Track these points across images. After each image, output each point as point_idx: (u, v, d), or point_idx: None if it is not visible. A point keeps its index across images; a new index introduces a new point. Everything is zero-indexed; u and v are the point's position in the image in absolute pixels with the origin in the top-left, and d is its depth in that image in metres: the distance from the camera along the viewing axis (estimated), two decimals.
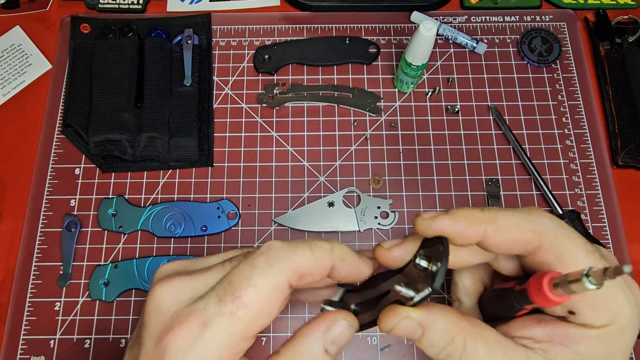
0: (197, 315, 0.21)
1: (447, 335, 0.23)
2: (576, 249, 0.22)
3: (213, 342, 0.21)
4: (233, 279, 0.22)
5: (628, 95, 0.54)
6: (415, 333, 0.24)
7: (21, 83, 0.55)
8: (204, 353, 0.21)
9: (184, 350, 0.21)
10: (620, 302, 0.22)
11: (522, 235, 0.23)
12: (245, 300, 0.21)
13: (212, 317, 0.21)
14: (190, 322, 0.21)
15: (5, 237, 0.49)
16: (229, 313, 0.21)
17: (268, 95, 0.54)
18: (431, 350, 0.24)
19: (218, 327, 0.21)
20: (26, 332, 0.46)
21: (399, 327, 0.23)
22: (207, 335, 0.21)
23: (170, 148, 0.51)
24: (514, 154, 0.52)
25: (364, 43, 0.56)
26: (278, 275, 0.22)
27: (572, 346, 0.23)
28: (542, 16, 0.59)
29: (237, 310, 0.21)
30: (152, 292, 0.23)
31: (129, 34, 0.55)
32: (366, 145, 0.53)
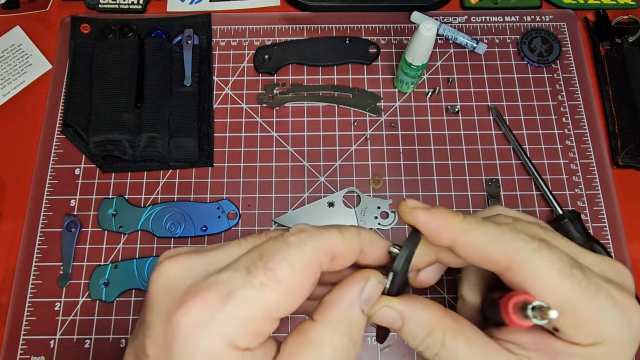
0: (218, 286, 0.19)
1: (426, 327, 0.23)
2: (548, 272, 0.21)
3: (237, 314, 0.19)
4: (265, 252, 0.20)
5: (628, 95, 0.54)
6: (396, 323, 0.24)
7: (21, 83, 0.55)
8: (225, 328, 0.19)
9: (201, 324, 0.19)
10: (610, 325, 0.21)
11: (490, 255, 0.23)
12: (279, 274, 0.20)
13: (238, 287, 0.19)
14: (210, 293, 0.19)
15: (5, 237, 0.49)
16: (259, 285, 0.19)
17: (268, 95, 0.54)
18: (411, 341, 0.24)
19: (245, 299, 0.19)
20: (26, 332, 0.46)
21: (378, 315, 0.24)
22: (231, 307, 0.19)
23: (170, 148, 0.51)
24: (514, 154, 0.52)
25: (364, 43, 0.56)
26: (312, 253, 0.21)
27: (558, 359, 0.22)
28: (542, 16, 0.59)
29: (269, 283, 0.20)
30: (159, 269, 0.21)
31: (129, 34, 0.55)
32: (366, 145, 0.53)
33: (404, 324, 0.24)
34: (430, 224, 0.23)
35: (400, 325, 0.24)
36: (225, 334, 0.19)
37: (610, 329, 0.21)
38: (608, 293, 0.22)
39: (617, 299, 0.22)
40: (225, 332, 0.19)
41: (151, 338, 0.20)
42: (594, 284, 0.21)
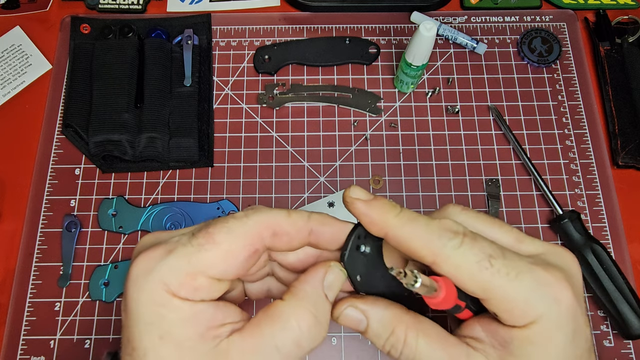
0: (166, 245, 0.23)
1: (388, 326, 0.25)
2: (469, 266, 0.23)
3: (174, 266, 0.22)
4: (212, 223, 0.23)
5: (628, 95, 0.54)
6: (361, 323, 0.25)
7: (21, 83, 0.55)
8: (163, 275, 0.22)
9: (145, 272, 0.22)
10: (537, 304, 0.23)
11: (417, 250, 0.24)
12: (216, 238, 0.23)
13: (180, 245, 0.23)
14: (157, 249, 0.23)
15: (5, 237, 0.49)
16: (197, 244, 0.22)
17: (268, 95, 0.54)
18: (377, 341, 0.25)
19: (182, 254, 0.22)
20: (26, 332, 0.46)
21: (343, 315, 0.25)
22: (170, 259, 0.22)
23: (170, 148, 0.51)
24: (514, 154, 0.52)
25: (364, 43, 0.56)
26: (252, 225, 0.23)
27: (507, 347, 0.23)
28: (542, 16, 0.59)
29: (206, 244, 0.22)
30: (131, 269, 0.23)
31: (129, 34, 0.55)
32: (366, 145, 0.53)
33: (368, 324, 0.25)
34: (365, 216, 0.25)
35: (365, 326, 0.25)
36: (164, 281, 0.22)
37: (538, 308, 0.22)
38: (532, 275, 0.23)
39: (543, 280, 0.23)
40: (164, 279, 0.22)
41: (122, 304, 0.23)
42: (515, 269, 0.23)
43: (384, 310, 0.25)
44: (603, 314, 0.46)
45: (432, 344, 0.24)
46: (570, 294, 0.23)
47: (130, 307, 0.22)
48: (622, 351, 0.45)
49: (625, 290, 0.44)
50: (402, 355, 0.24)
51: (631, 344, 0.46)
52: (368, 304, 0.25)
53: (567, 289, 0.23)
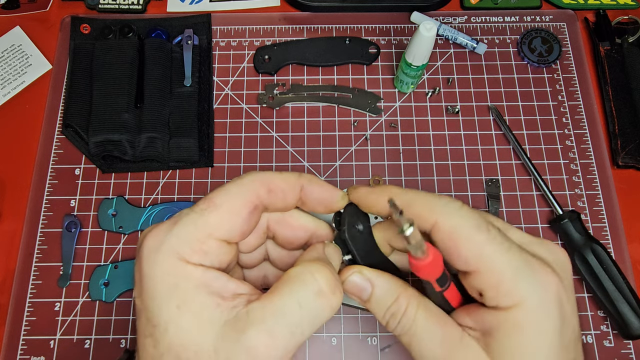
0: (171, 219, 0.24)
1: (393, 293, 0.25)
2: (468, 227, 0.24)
3: (182, 234, 0.23)
4: (212, 191, 0.25)
5: (628, 95, 0.54)
6: (365, 290, 0.26)
7: (21, 83, 0.55)
8: (173, 245, 0.23)
9: (155, 247, 0.23)
10: (524, 284, 0.23)
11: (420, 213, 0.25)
12: (216, 201, 0.24)
13: (184, 215, 0.24)
14: (162, 224, 0.24)
15: (5, 237, 0.49)
16: (200, 210, 0.24)
17: (268, 95, 0.54)
18: (378, 309, 0.26)
19: (188, 222, 0.23)
20: (26, 332, 0.46)
21: (349, 280, 0.26)
22: (177, 229, 0.23)
23: (170, 148, 0.51)
24: (514, 155, 0.52)
25: (364, 43, 0.56)
26: (247, 183, 0.25)
27: (494, 334, 0.23)
28: (542, 16, 0.59)
29: (207, 208, 0.24)
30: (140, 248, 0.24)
31: (129, 35, 0.55)
32: (366, 145, 0.53)
33: (372, 290, 0.26)
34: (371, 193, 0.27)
35: (369, 293, 0.26)
36: (175, 250, 0.23)
37: (524, 288, 0.23)
38: (522, 256, 0.23)
39: (531, 264, 0.23)
40: (175, 248, 0.23)
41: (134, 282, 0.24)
42: (508, 242, 0.24)
43: (389, 278, 0.26)
44: (603, 314, 0.46)
45: (430, 318, 0.25)
46: (557, 280, 0.23)
47: (145, 285, 0.22)
48: (622, 351, 0.45)
49: (625, 290, 0.44)
50: (399, 325, 0.25)
51: (631, 344, 0.46)
52: (373, 272, 0.26)
53: (554, 276, 0.23)
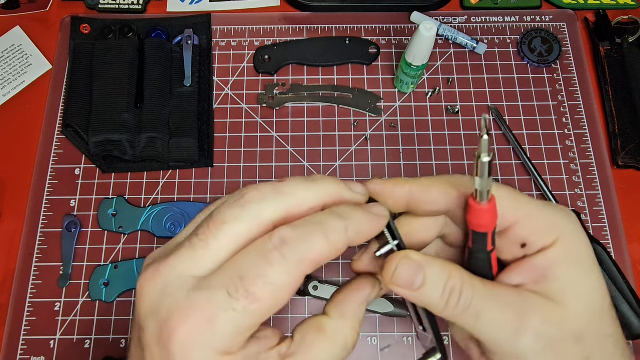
0: (201, 310, 0.20)
1: (445, 270, 0.23)
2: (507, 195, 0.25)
3: (223, 333, 0.20)
4: (245, 274, 0.20)
5: (628, 95, 0.54)
6: (417, 279, 0.23)
7: (21, 83, 0.55)
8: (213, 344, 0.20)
9: (190, 347, 0.20)
10: (560, 221, 0.24)
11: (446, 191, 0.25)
12: (260, 298, 0.20)
13: (221, 311, 0.20)
14: (194, 317, 0.20)
15: (5, 237, 0.49)
16: (242, 309, 0.20)
17: (268, 95, 0.54)
18: (434, 291, 0.23)
19: (228, 320, 0.20)
20: (26, 332, 0.46)
21: (400, 270, 0.23)
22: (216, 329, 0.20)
23: (170, 148, 0.51)
24: (514, 155, 0.52)
25: (364, 43, 0.56)
26: (295, 271, 0.21)
27: (548, 274, 0.24)
28: (542, 16, 0.59)
29: (250, 306, 0.20)
30: (139, 293, 0.22)
31: (129, 35, 0.55)
32: (366, 145, 0.53)
33: (425, 274, 0.23)
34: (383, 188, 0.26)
35: (422, 279, 0.23)
36: (216, 348, 0.20)
37: (559, 221, 0.24)
38: (543, 201, 0.26)
39: (554, 205, 0.25)
40: (215, 346, 0.20)
41: (149, 355, 0.21)
42: (535, 200, 0.25)
43: (435, 257, 0.24)
44: None
45: (487, 284, 0.24)
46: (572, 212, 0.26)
47: None
48: None
49: (625, 290, 0.44)
50: (461, 301, 0.23)
51: (631, 344, 0.46)
52: (420, 254, 0.24)
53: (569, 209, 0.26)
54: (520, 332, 0.23)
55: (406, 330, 0.46)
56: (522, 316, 0.23)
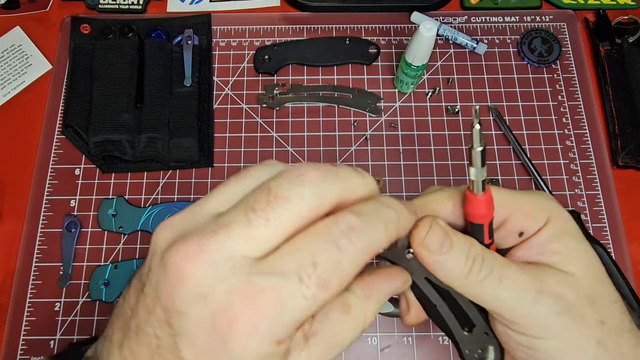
0: (271, 293, 0.19)
1: (467, 239, 0.24)
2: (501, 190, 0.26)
3: (288, 322, 0.19)
4: (318, 260, 0.19)
5: (628, 95, 0.54)
6: (446, 242, 0.23)
7: (21, 83, 0.55)
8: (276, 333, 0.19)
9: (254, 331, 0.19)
10: (543, 202, 0.26)
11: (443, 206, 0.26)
12: (331, 284, 0.19)
13: (291, 298, 0.19)
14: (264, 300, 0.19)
15: (5, 237, 0.49)
16: (312, 297, 0.19)
17: (268, 95, 0.54)
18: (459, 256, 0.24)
19: (296, 308, 0.19)
20: (26, 332, 0.46)
21: (432, 231, 0.23)
22: (284, 317, 0.19)
23: (170, 148, 0.51)
24: (514, 155, 0.52)
25: (364, 43, 0.56)
26: (361, 258, 0.20)
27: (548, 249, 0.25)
28: (542, 16, 0.59)
29: (321, 294, 0.19)
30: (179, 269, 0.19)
31: (129, 35, 0.55)
32: (366, 145, 0.53)
33: (452, 241, 0.24)
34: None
35: (451, 242, 0.23)
36: (275, 337, 0.19)
37: (547, 206, 0.26)
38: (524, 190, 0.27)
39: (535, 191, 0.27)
40: (275, 335, 0.19)
41: (189, 344, 0.19)
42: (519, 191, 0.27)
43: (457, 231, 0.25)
44: None
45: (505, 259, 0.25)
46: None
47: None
48: None
49: (625, 290, 0.44)
50: (484, 266, 0.23)
51: None
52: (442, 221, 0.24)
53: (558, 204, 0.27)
54: (541, 293, 0.23)
55: (406, 330, 0.46)
56: (540, 279, 0.24)
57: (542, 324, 0.23)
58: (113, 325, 0.22)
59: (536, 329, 0.24)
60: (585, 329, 0.24)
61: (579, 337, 0.24)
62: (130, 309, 0.21)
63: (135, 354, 0.20)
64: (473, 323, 0.27)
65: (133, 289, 0.21)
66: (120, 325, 0.21)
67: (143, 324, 0.20)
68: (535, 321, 0.24)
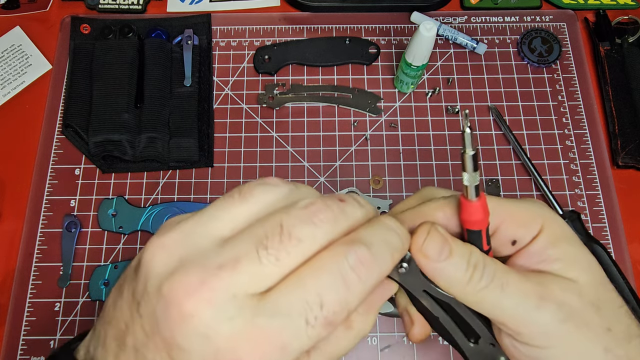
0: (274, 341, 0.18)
1: (467, 246, 0.24)
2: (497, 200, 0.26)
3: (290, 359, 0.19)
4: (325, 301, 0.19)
5: (628, 95, 0.54)
6: (445, 249, 0.23)
7: (21, 83, 0.55)
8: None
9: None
10: (535, 210, 0.25)
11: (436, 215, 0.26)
12: (337, 324, 0.19)
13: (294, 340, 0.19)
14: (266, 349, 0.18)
15: (5, 237, 0.49)
16: (315, 335, 0.19)
17: (268, 95, 0.54)
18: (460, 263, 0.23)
19: (299, 348, 0.19)
20: (26, 332, 0.46)
21: (430, 238, 0.23)
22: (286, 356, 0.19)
23: (170, 148, 0.51)
24: (514, 155, 0.52)
25: (364, 43, 0.56)
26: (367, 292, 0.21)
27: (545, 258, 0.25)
28: (542, 16, 0.59)
29: (324, 332, 0.19)
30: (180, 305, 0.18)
31: (129, 35, 0.55)
32: (366, 145, 0.53)
33: (451, 248, 0.23)
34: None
35: (450, 248, 0.23)
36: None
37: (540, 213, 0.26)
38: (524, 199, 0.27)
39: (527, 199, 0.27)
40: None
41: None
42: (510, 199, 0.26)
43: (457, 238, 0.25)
44: None
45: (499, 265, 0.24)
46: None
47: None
48: None
49: (625, 290, 0.44)
50: (485, 274, 0.23)
51: None
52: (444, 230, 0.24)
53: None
54: (543, 300, 0.23)
55: None
56: (542, 286, 0.23)
57: (546, 332, 0.23)
58: (106, 330, 0.21)
59: (540, 338, 0.23)
60: (592, 336, 0.23)
61: (586, 344, 0.23)
62: (124, 323, 0.20)
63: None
64: (478, 334, 0.26)
65: (125, 300, 0.20)
66: (114, 335, 0.20)
67: (141, 347, 0.19)
68: (539, 329, 0.23)
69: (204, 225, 0.20)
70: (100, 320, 0.22)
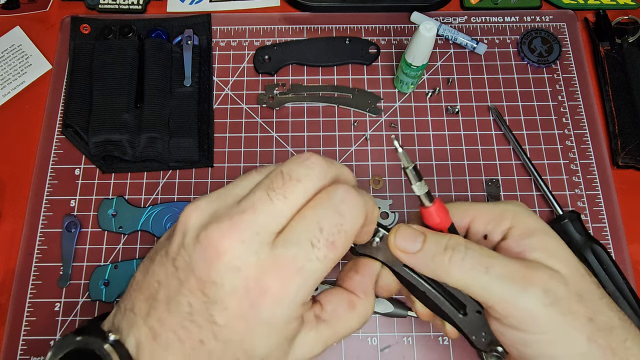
0: (291, 262, 0.22)
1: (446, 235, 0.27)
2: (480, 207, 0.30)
3: (308, 284, 0.22)
4: (324, 226, 0.23)
5: (628, 95, 0.54)
6: (417, 240, 0.27)
7: (21, 83, 0.55)
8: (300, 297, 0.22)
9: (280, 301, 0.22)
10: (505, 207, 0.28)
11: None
12: (338, 244, 0.23)
13: (306, 261, 0.22)
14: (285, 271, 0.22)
15: (5, 237, 0.49)
16: (323, 257, 0.22)
17: (268, 95, 0.54)
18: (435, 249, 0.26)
19: (313, 271, 0.22)
20: (26, 332, 0.46)
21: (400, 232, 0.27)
22: (303, 280, 0.22)
23: (170, 148, 0.51)
24: (514, 155, 0.52)
25: (364, 43, 0.56)
26: (359, 221, 0.24)
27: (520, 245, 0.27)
28: (542, 16, 0.59)
29: (330, 253, 0.23)
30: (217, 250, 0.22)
31: (129, 35, 0.55)
32: (366, 145, 0.53)
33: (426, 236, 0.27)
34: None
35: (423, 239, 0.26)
36: (301, 300, 0.23)
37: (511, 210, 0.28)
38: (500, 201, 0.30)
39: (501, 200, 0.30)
40: (302, 297, 0.22)
41: (222, 310, 0.22)
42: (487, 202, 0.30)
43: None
44: None
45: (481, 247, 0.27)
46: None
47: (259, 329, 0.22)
48: None
49: (625, 290, 0.44)
50: (469, 251, 0.26)
51: None
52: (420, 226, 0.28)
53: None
54: (530, 284, 0.25)
55: (406, 330, 0.46)
56: (529, 269, 0.25)
57: (532, 317, 0.24)
58: (134, 298, 0.24)
59: (527, 322, 0.24)
60: (577, 325, 0.24)
61: (570, 332, 0.24)
62: (157, 282, 0.23)
63: (164, 322, 0.22)
64: (464, 304, 0.28)
65: (157, 263, 0.24)
66: (144, 298, 0.23)
67: (174, 294, 0.22)
68: (525, 313, 0.24)
69: (229, 190, 0.24)
70: (126, 295, 0.25)
